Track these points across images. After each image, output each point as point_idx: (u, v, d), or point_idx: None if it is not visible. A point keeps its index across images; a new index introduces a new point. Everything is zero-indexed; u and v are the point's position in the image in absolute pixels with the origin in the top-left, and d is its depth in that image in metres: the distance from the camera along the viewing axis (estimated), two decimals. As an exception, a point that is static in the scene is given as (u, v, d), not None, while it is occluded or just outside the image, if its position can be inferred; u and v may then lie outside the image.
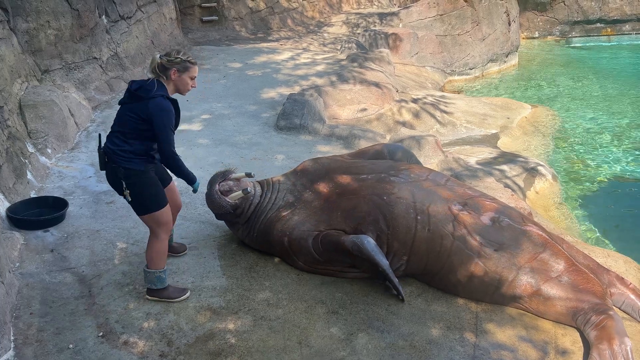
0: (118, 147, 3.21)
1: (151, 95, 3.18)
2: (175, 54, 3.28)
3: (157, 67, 3.26)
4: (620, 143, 7.92)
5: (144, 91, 3.20)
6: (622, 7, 15.14)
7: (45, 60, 6.44)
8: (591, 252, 4.17)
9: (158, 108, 3.17)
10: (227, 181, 3.91)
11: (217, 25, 12.55)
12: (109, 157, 3.23)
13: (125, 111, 3.23)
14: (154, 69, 3.27)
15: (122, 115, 3.25)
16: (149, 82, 3.24)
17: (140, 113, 3.18)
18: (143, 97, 3.18)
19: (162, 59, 3.26)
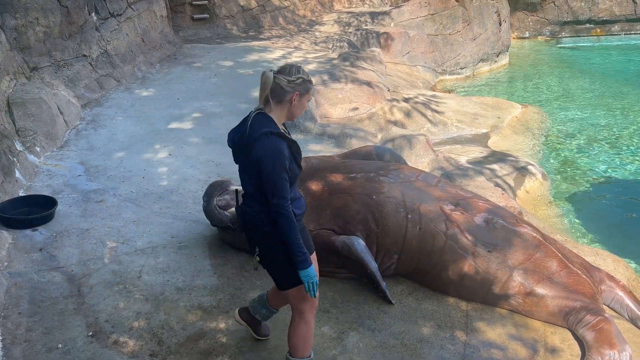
0: (251, 207, 2.58)
1: (256, 136, 2.46)
2: (296, 72, 2.54)
3: (271, 89, 2.49)
4: (609, 142, 7.99)
5: (249, 137, 2.48)
6: (611, 7, 15.25)
7: (34, 57, 6.38)
8: (580, 251, 4.21)
9: (263, 149, 2.44)
10: (225, 195, 3.88)
11: (208, 24, 12.49)
12: (244, 217, 2.63)
13: (241, 167, 2.61)
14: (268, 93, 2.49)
15: (241, 172, 2.63)
16: (251, 122, 2.50)
17: (247, 158, 2.51)
18: (248, 143, 2.49)
19: (280, 80, 2.48)
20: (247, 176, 2.56)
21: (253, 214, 2.57)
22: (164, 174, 5.28)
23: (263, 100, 2.53)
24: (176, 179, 5.18)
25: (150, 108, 7.16)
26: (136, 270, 3.75)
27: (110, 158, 5.61)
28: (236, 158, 2.65)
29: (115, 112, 6.93)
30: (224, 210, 3.82)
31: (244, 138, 2.51)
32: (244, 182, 2.60)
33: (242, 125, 2.57)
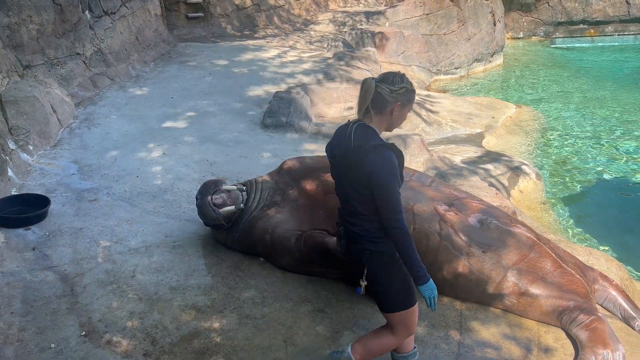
0: (359, 226, 2.46)
1: (365, 149, 2.35)
2: (399, 82, 2.41)
3: (372, 99, 2.38)
4: (603, 142, 8.03)
5: (356, 151, 2.35)
6: (604, 8, 15.34)
7: (27, 55, 6.34)
8: (573, 250, 4.22)
9: (375, 163, 2.34)
10: (218, 193, 3.87)
11: (203, 22, 12.46)
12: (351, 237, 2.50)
13: (346, 181, 2.44)
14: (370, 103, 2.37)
15: (341, 188, 2.47)
16: (354, 135, 2.37)
17: (357, 179, 2.38)
18: (356, 157, 2.36)
19: (382, 89, 2.37)
20: (353, 192, 2.39)
21: (361, 233, 2.41)
22: (158, 173, 5.27)
23: (363, 110, 2.40)
24: (170, 178, 5.17)
25: (145, 107, 7.13)
26: (130, 270, 3.74)
27: (104, 157, 5.59)
28: (336, 172, 2.50)
29: (109, 111, 6.90)
30: (217, 208, 3.81)
31: (349, 151, 2.36)
32: (347, 197, 2.44)
33: (341, 138, 2.44)
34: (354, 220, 2.44)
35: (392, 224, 2.35)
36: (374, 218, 2.38)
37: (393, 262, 2.44)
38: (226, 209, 3.81)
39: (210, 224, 3.93)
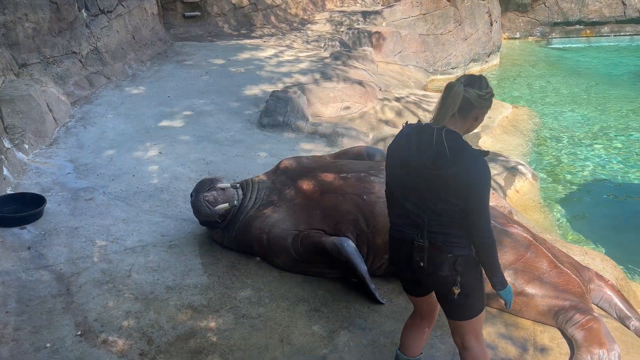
0: (444, 235, 2.32)
1: (464, 157, 2.23)
2: (486, 87, 2.28)
3: (460, 105, 2.24)
4: (599, 143, 8.06)
5: (452, 157, 2.22)
6: (601, 9, 15.39)
7: (23, 54, 6.31)
8: (569, 250, 4.24)
9: (478, 172, 2.23)
10: (213, 191, 3.87)
11: (200, 21, 12.44)
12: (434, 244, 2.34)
13: (427, 188, 2.28)
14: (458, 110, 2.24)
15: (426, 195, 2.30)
16: (446, 140, 2.22)
17: (450, 187, 2.24)
18: (451, 163, 2.22)
19: (471, 94, 2.24)
20: (441, 201, 2.26)
21: (450, 240, 2.31)
22: (154, 172, 5.25)
23: (449, 115, 2.24)
24: (166, 177, 5.16)
25: (141, 106, 7.11)
26: (126, 269, 3.73)
27: (100, 156, 5.57)
28: (409, 179, 2.32)
29: (105, 110, 6.88)
30: (212, 206, 3.81)
31: (444, 160, 2.21)
32: (426, 206, 2.30)
33: (422, 144, 2.28)
34: (438, 228, 2.31)
35: (483, 233, 2.28)
36: (460, 223, 2.30)
37: (477, 264, 2.36)
38: (220, 207, 3.81)
39: (205, 222, 3.92)
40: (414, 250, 2.35)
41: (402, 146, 2.37)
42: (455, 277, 2.33)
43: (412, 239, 2.35)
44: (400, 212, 2.41)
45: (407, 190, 2.35)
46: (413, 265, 2.37)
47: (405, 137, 2.38)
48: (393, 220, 2.47)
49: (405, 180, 2.35)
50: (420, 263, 2.34)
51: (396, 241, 2.46)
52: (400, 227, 2.41)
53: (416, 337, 2.69)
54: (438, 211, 2.29)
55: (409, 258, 2.38)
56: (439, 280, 2.38)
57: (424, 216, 2.32)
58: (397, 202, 2.42)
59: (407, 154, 2.33)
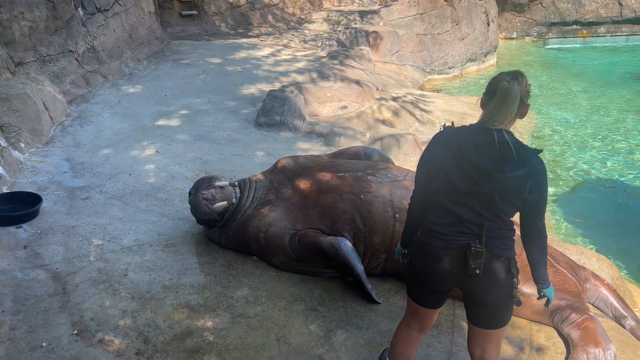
0: (500, 238, 2.30)
1: (528, 157, 2.20)
2: (527, 81, 2.28)
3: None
4: (595, 142, 8.08)
5: (515, 158, 2.17)
6: (597, 9, 15.43)
7: (19, 52, 6.29)
8: (566, 250, 4.25)
9: (541, 172, 2.22)
10: (211, 189, 3.87)
11: (197, 20, 12.42)
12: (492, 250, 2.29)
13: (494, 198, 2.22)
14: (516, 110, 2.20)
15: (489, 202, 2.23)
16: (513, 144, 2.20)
17: (520, 195, 2.21)
18: (520, 169, 2.18)
19: (523, 91, 2.21)
20: (504, 203, 2.22)
21: (506, 243, 2.30)
22: (151, 171, 5.24)
23: (512, 116, 2.20)
24: (163, 176, 5.15)
25: (138, 105, 7.10)
26: (122, 268, 3.72)
27: (97, 155, 5.56)
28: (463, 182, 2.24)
29: (101, 109, 6.87)
30: (210, 204, 3.80)
31: (512, 163, 2.17)
32: (484, 209, 2.24)
33: (486, 147, 2.21)
34: (496, 233, 2.27)
35: (543, 234, 2.32)
36: (511, 225, 2.30)
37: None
38: (219, 205, 3.80)
39: (203, 220, 3.92)
40: (471, 256, 2.25)
41: (451, 150, 2.25)
42: (514, 281, 2.30)
43: (467, 245, 2.26)
44: (450, 219, 2.30)
45: (462, 196, 2.25)
46: (468, 272, 2.27)
47: (453, 141, 2.26)
48: (436, 228, 2.33)
49: (460, 186, 2.24)
50: (477, 270, 2.25)
51: (437, 250, 2.33)
52: (447, 235, 2.30)
53: (411, 348, 2.62)
54: (501, 215, 2.25)
55: (462, 266, 2.28)
56: (496, 286, 2.30)
57: (483, 221, 2.25)
58: (444, 209, 2.31)
59: (461, 158, 2.23)
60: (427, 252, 2.37)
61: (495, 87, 2.23)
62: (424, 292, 2.46)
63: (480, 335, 2.44)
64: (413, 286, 2.50)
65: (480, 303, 2.38)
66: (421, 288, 2.47)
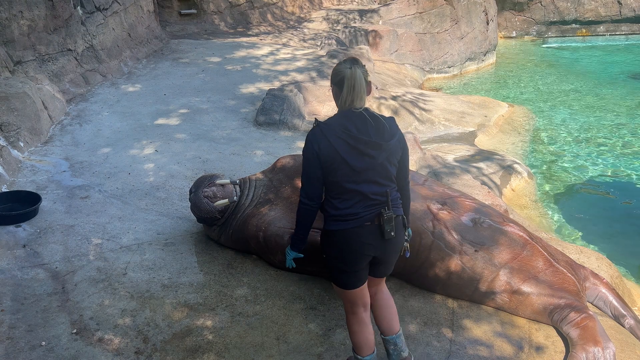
0: (397, 200, 2.63)
1: (395, 127, 2.58)
2: (362, 63, 2.63)
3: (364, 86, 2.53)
4: (594, 141, 8.09)
5: (382, 130, 2.51)
6: (597, 8, 15.43)
7: (18, 51, 6.29)
8: (565, 249, 4.26)
9: (404, 138, 2.64)
10: (212, 187, 3.86)
11: (196, 19, 12.41)
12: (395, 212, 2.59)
13: (385, 165, 2.52)
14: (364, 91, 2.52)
15: (382, 168, 2.52)
16: (382, 118, 2.53)
17: (397, 156, 2.57)
18: (390, 143, 2.52)
19: (364, 72, 2.54)
20: (392, 167, 2.57)
21: (399, 205, 2.63)
22: (150, 170, 5.24)
23: (364, 96, 2.51)
24: (162, 175, 5.14)
25: (137, 104, 7.09)
26: (121, 267, 3.72)
27: (96, 154, 5.55)
28: (367, 155, 2.49)
29: (101, 108, 6.86)
30: (211, 202, 3.80)
31: (386, 133, 2.51)
32: (383, 176, 2.52)
33: (365, 123, 2.49)
34: (394, 196, 2.58)
35: (409, 186, 2.70)
36: (396, 186, 2.63)
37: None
38: (220, 202, 3.80)
39: (203, 218, 3.91)
40: (385, 223, 2.50)
41: (340, 138, 2.46)
42: (405, 234, 2.68)
43: (379, 214, 2.51)
44: (357, 199, 2.52)
45: (362, 173, 2.48)
46: (385, 237, 2.52)
47: (336, 130, 2.48)
48: (346, 212, 2.52)
49: (357, 164, 2.47)
50: (392, 233, 2.52)
51: (354, 230, 2.52)
52: (359, 214, 2.51)
53: (370, 331, 2.74)
54: (392, 178, 2.58)
55: (379, 234, 2.53)
56: (399, 243, 2.64)
57: (385, 188, 2.54)
58: (349, 192, 2.51)
59: (351, 140, 2.45)
60: (345, 237, 2.54)
61: (341, 77, 2.50)
62: (354, 274, 2.61)
63: (375, 282, 2.76)
64: (341, 275, 2.63)
65: (385, 261, 2.66)
66: (351, 272, 2.61)
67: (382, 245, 2.56)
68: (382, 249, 2.58)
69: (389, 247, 2.60)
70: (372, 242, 2.54)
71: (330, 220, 2.57)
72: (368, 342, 2.72)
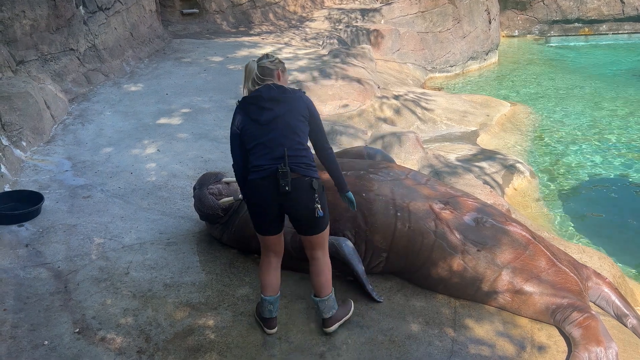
0: (305, 157, 2.93)
1: (296, 91, 2.98)
2: (270, 56, 3.07)
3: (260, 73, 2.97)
4: (597, 141, 8.07)
5: (282, 91, 2.94)
6: (599, 7, 15.39)
7: (20, 51, 6.30)
8: (567, 248, 4.25)
9: (309, 99, 3.01)
10: (218, 184, 3.87)
11: (198, 18, 12.42)
12: (297, 171, 2.89)
13: (286, 119, 2.89)
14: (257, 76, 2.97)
15: (284, 123, 2.89)
16: (272, 85, 2.95)
17: (302, 112, 2.93)
18: (290, 96, 2.92)
19: (264, 63, 3.00)
20: (296, 122, 2.92)
21: (309, 163, 2.95)
22: (152, 169, 5.25)
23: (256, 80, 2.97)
24: (165, 174, 5.15)
25: (139, 103, 7.10)
26: (124, 267, 3.73)
27: (98, 153, 5.56)
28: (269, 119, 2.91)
29: (103, 107, 6.87)
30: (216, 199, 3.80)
31: (285, 91, 2.95)
32: (289, 134, 2.90)
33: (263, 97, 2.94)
34: (300, 153, 2.90)
35: (327, 146, 3.02)
36: (307, 147, 2.95)
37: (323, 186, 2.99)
38: (224, 200, 3.80)
39: (207, 215, 3.91)
40: (280, 177, 2.83)
41: (248, 102, 2.95)
42: (315, 196, 2.90)
43: (276, 170, 2.84)
44: (262, 151, 2.90)
45: (266, 125, 2.89)
46: (280, 190, 2.84)
47: (249, 99, 2.96)
48: (256, 164, 2.90)
49: (262, 118, 2.90)
50: (286, 187, 2.83)
51: (258, 181, 2.89)
52: (263, 166, 2.88)
53: (276, 275, 3.14)
54: (298, 132, 2.90)
55: (276, 187, 2.86)
56: (304, 201, 2.90)
57: (284, 140, 2.88)
58: (259, 146, 2.90)
59: (256, 100, 2.91)
60: (253, 187, 2.93)
61: (245, 71, 3.01)
62: (264, 222, 2.99)
63: (306, 241, 3.06)
64: (255, 221, 3.03)
65: (297, 217, 2.96)
66: (261, 219, 2.99)
67: (283, 198, 2.88)
68: (284, 202, 2.89)
69: (290, 202, 2.89)
70: (271, 195, 2.88)
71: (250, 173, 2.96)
72: (271, 284, 3.11)
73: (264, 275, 3.13)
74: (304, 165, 2.90)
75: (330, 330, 3.17)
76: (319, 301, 3.13)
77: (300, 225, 3.00)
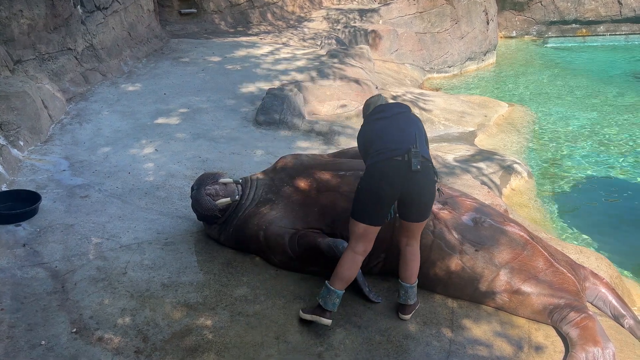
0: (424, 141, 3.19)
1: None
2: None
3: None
4: (594, 141, 8.08)
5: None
6: (597, 8, 15.42)
7: (18, 50, 6.28)
8: (564, 248, 4.26)
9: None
10: (215, 185, 3.86)
11: (196, 18, 12.41)
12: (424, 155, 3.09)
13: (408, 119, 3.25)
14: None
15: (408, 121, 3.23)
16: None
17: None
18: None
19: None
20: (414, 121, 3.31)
21: (429, 151, 3.22)
22: (150, 169, 5.24)
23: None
24: (162, 174, 5.14)
25: (137, 103, 7.09)
26: (121, 267, 3.72)
27: (96, 153, 5.55)
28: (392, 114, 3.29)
29: (101, 107, 6.86)
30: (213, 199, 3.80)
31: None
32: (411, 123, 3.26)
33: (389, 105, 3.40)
34: (423, 139, 3.19)
35: None
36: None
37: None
38: (222, 201, 3.80)
39: (204, 216, 3.90)
40: (413, 156, 2.99)
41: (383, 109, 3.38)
42: (435, 180, 3.14)
43: (408, 150, 3.01)
44: (393, 136, 3.15)
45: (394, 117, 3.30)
46: (412, 168, 2.97)
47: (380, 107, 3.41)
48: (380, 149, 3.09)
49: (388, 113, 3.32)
50: (418, 166, 2.95)
51: (385, 161, 3.02)
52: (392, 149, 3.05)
53: (355, 273, 3.17)
54: (420, 125, 3.29)
55: (407, 166, 3.00)
56: (430, 185, 3.08)
57: (414, 129, 3.21)
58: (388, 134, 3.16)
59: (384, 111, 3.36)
60: (376, 169, 3.01)
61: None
62: (381, 207, 3.01)
63: (408, 228, 3.18)
64: (369, 209, 3.02)
65: (414, 200, 3.04)
66: (377, 206, 3.00)
67: (408, 180, 3.00)
68: (409, 183, 3.00)
69: (416, 183, 3.01)
70: (398, 175, 3.02)
71: (371, 158, 3.15)
72: (349, 280, 3.13)
73: (343, 269, 3.12)
74: (426, 153, 3.12)
75: (407, 318, 3.28)
76: (410, 287, 3.24)
77: (411, 210, 3.08)
